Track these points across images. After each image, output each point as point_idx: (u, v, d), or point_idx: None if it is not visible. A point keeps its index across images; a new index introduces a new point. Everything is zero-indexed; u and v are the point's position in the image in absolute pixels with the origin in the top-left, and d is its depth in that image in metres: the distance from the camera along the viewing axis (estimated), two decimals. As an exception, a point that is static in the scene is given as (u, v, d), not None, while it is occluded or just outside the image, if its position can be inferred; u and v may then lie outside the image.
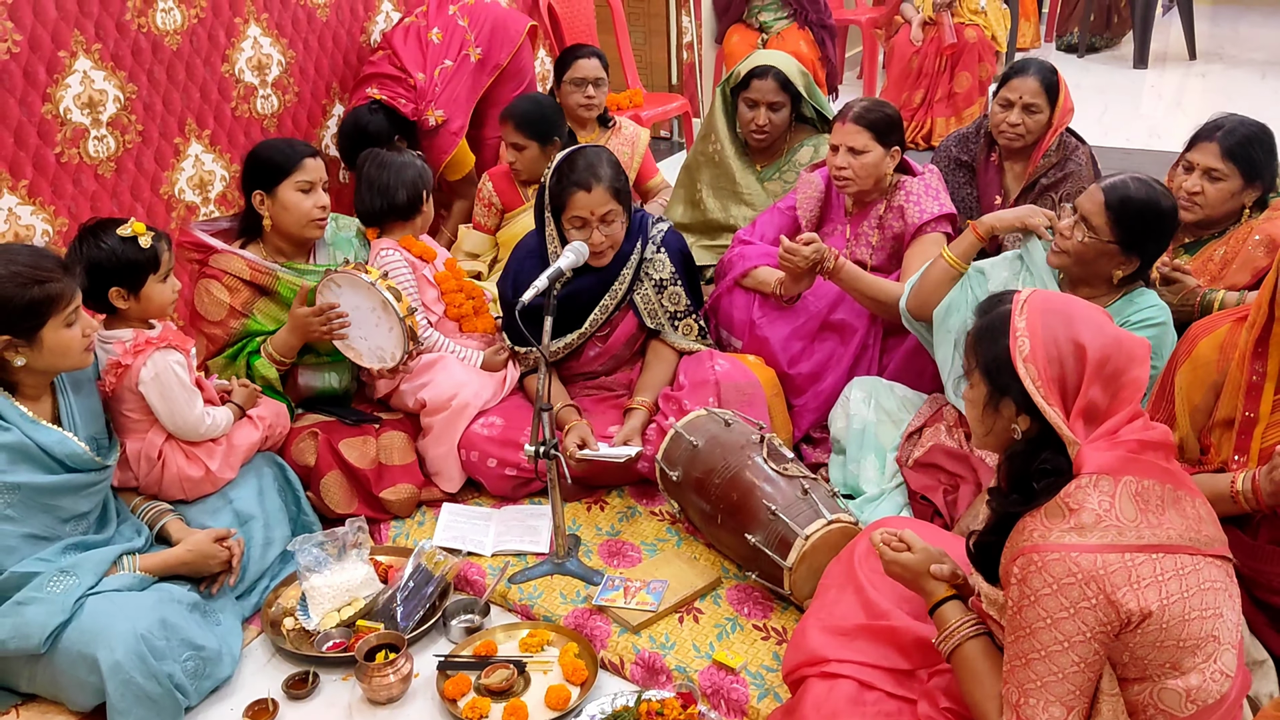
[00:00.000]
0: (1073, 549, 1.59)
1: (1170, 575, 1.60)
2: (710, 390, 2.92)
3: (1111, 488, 1.62)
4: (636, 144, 4.16)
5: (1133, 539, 1.60)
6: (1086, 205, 2.48)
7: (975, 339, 1.79)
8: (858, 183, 3.08)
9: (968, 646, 1.82)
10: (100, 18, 3.23)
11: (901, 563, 1.94)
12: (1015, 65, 3.44)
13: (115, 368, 2.49)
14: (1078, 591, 1.58)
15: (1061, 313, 1.70)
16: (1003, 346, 1.70)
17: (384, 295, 2.77)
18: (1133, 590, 1.58)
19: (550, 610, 2.55)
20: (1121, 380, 1.67)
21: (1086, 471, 1.63)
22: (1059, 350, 1.66)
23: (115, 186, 3.35)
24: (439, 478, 2.97)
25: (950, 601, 1.89)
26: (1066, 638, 1.60)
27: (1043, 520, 1.64)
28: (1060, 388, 1.66)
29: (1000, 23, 6.34)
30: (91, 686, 2.19)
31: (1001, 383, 1.72)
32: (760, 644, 2.41)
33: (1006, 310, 1.74)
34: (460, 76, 3.86)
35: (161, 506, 2.55)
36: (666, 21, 6.44)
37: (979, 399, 1.77)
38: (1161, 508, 1.64)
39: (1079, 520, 1.60)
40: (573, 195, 2.82)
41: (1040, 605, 1.60)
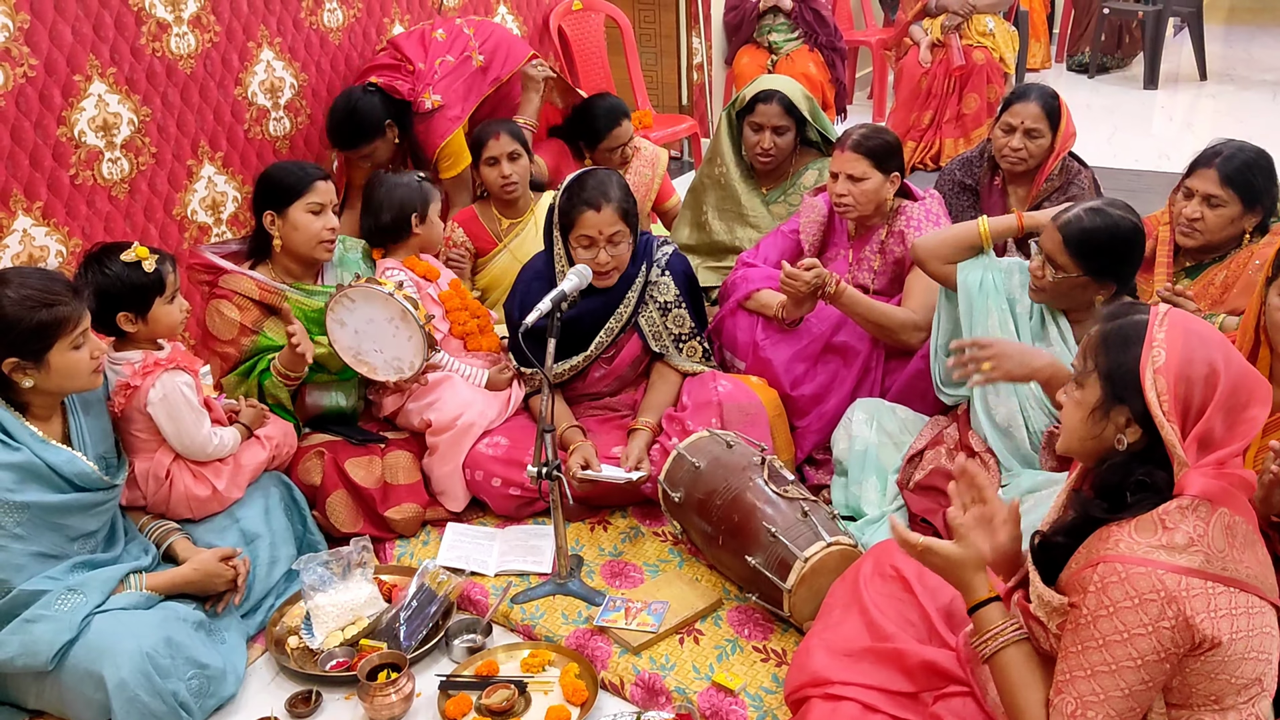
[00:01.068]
0: (1161, 565, 1.57)
1: (1241, 611, 1.60)
2: (713, 411, 2.94)
3: (1208, 515, 1.61)
4: (657, 165, 4.21)
5: (1218, 569, 1.59)
6: (1048, 246, 2.50)
7: (1101, 341, 1.74)
8: (858, 209, 3.11)
9: (1011, 651, 1.76)
10: (115, 42, 3.29)
11: (941, 552, 1.83)
12: (1017, 90, 3.46)
13: (124, 389, 2.53)
14: (1158, 609, 1.56)
15: (1201, 335, 1.68)
16: (1134, 355, 1.67)
17: (402, 304, 2.81)
18: (1210, 617, 1.57)
19: (552, 630, 2.57)
20: (1243, 415, 1.65)
21: (1190, 493, 1.62)
22: (1193, 371, 1.63)
23: (129, 208, 3.41)
24: (444, 497, 3.00)
25: (993, 602, 1.81)
26: (1140, 655, 1.58)
27: (1132, 532, 1.62)
28: (1184, 408, 1.64)
29: (1008, 44, 6.36)
30: (97, 703, 2.21)
31: (1121, 391, 1.68)
32: (760, 666, 2.42)
33: (1143, 320, 1.71)
34: (461, 73, 3.87)
35: (169, 525, 2.59)
36: (677, 42, 6.48)
37: (1089, 403, 1.73)
38: (1244, 546, 1.64)
39: (1171, 539, 1.59)
40: (582, 214, 2.86)
41: (1118, 617, 1.58)
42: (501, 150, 3.55)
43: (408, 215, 3.22)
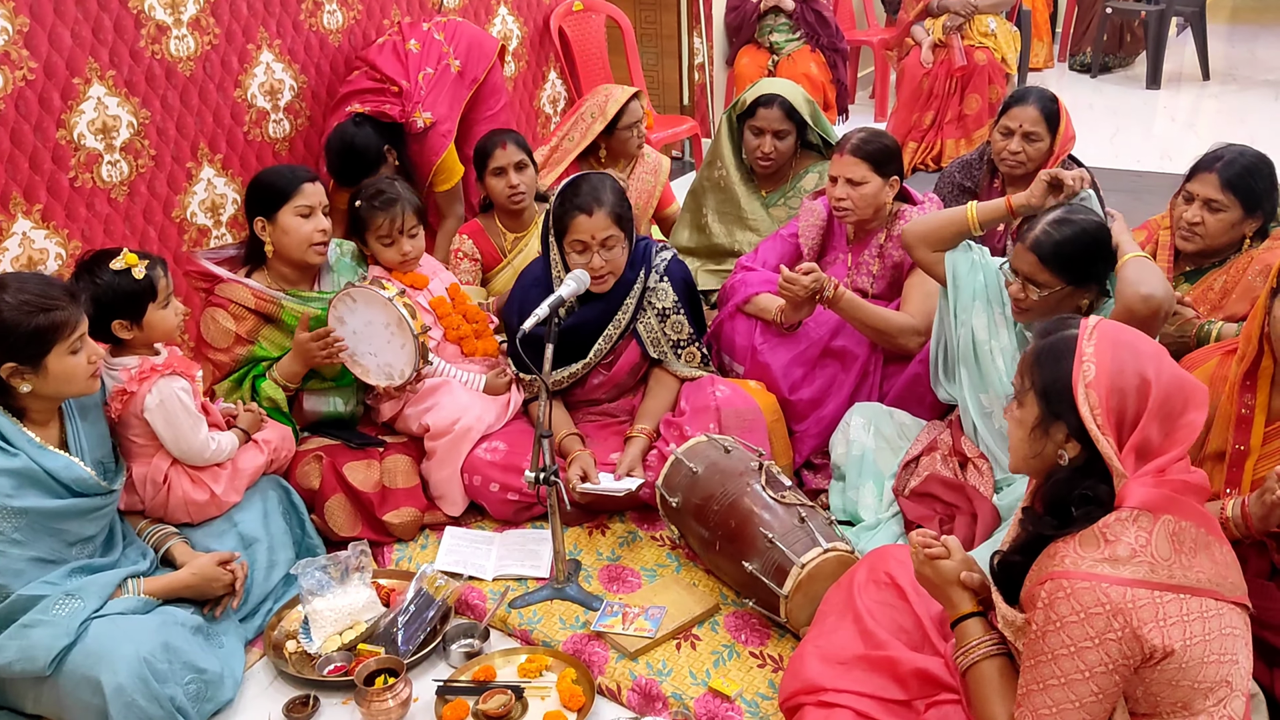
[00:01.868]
0: (1104, 579, 1.59)
1: (1195, 617, 1.61)
2: (711, 416, 2.94)
3: (1150, 525, 1.62)
4: (659, 172, 4.20)
5: (1164, 577, 1.60)
6: (1025, 268, 2.51)
7: (1035, 359, 1.77)
8: (857, 213, 3.11)
9: (986, 665, 1.81)
10: (115, 45, 3.29)
11: (936, 568, 1.91)
12: (1015, 94, 3.46)
13: (120, 395, 2.53)
14: (1104, 622, 1.58)
15: (1131, 346, 1.70)
16: (1065, 370, 1.69)
17: (400, 311, 2.82)
18: (1158, 627, 1.58)
19: (549, 635, 2.57)
20: (1179, 422, 1.67)
21: (1129, 505, 1.63)
22: (1124, 382, 1.66)
23: (128, 210, 3.41)
24: (442, 501, 3.00)
25: (975, 617, 1.87)
26: (1088, 667, 1.60)
27: (1076, 547, 1.64)
28: (1118, 420, 1.66)
29: (1010, 45, 6.36)
30: (95, 708, 2.21)
31: (1056, 407, 1.71)
32: (756, 671, 2.42)
33: (1073, 334, 1.73)
34: (443, 84, 3.84)
35: (167, 530, 2.59)
36: (678, 42, 6.48)
37: (1029, 420, 1.76)
38: (1195, 550, 1.65)
39: (1114, 552, 1.61)
40: (574, 219, 2.86)
41: (1065, 632, 1.61)
42: (508, 160, 3.49)
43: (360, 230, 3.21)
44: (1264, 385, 2.16)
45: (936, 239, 2.80)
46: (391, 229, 3.13)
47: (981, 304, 2.73)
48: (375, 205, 3.13)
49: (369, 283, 2.88)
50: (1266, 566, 2.15)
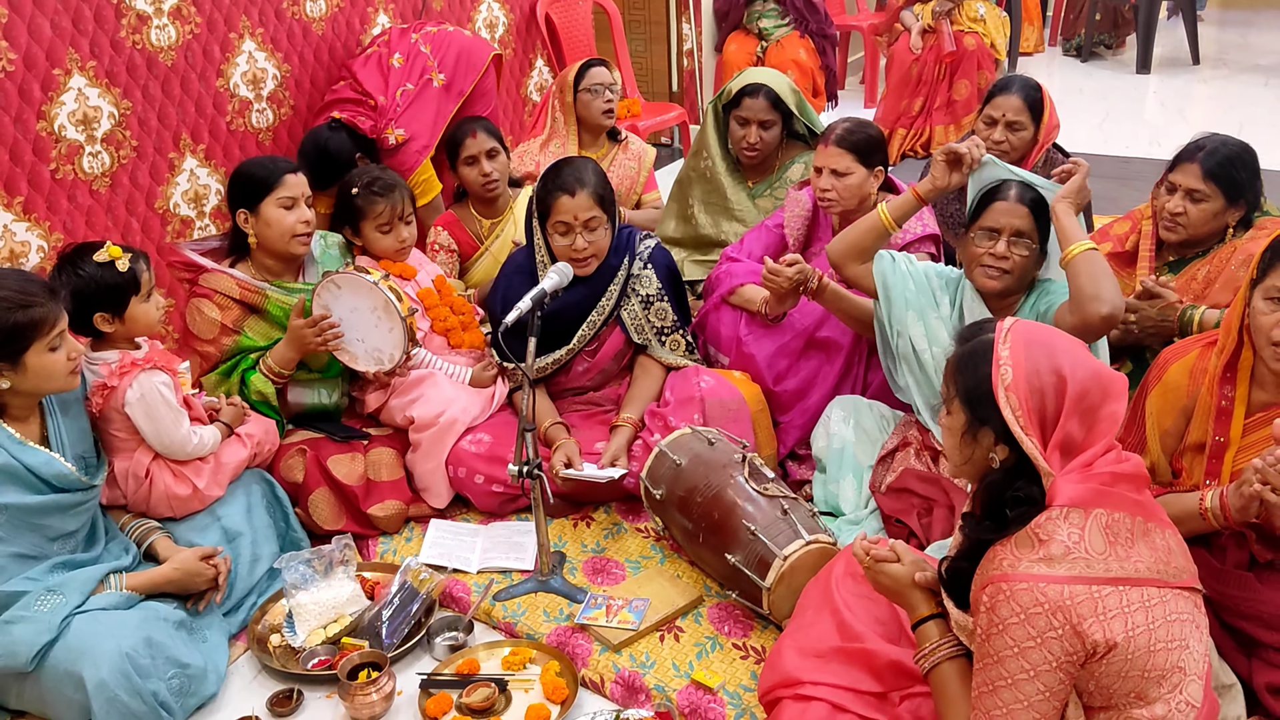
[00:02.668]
0: (1040, 579, 1.61)
1: (1136, 607, 1.63)
2: (695, 407, 2.94)
3: (1082, 520, 1.64)
4: (643, 160, 4.19)
5: (1100, 571, 1.62)
6: (1015, 221, 2.56)
7: (956, 366, 1.79)
8: (842, 203, 3.10)
9: (945, 667, 1.84)
10: (95, 35, 3.27)
11: (889, 573, 1.94)
12: (999, 83, 3.46)
13: (101, 389, 2.52)
14: (1044, 621, 1.60)
15: (1044, 344, 1.72)
16: (984, 375, 1.71)
17: (386, 295, 2.81)
18: (1099, 621, 1.60)
19: (534, 628, 2.57)
20: (1099, 414, 1.69)
21: (1058, 504, 1.65)
22: (1041, 381, 1.67)
23: (110, 202, 3.39)
24: (427, 493, 3.00)
25: (934, 619, 1.90)
26: (1033, 666, 1.62)
27: (1013, 550, 1.66)
28: (1040, 419, 1.67)
29: (999, 30, 6.34)
30: (78, 704, 2.22)
31: (981, 412, 1.73)
32: (739, 663, 2.43)
33: (989, 339, 1.74)
34: (423, 100, 3.84)
35: (149, 524, 2.58)
36: (667, 28, 6.45)
37: (957, 427, 1.78)
38: (1131, 540, 1.66)
39: (1048, 551, 1.62)
40: (557, 199, 2.87)
41: (1008, 634, 1.63)
42: (480, 148, 3.49)
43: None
44: (1244, 377, 2.16)
45: (859, 250, 2.80)
46: (392, 215, 3.13)
47: (915, 312, 2.75)
48: (374, 191, 3.13)
49: (352, 268, 2.87)
50: (1245, 557, 2.15)
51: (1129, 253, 3.00)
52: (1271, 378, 2.13)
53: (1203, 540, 2.17)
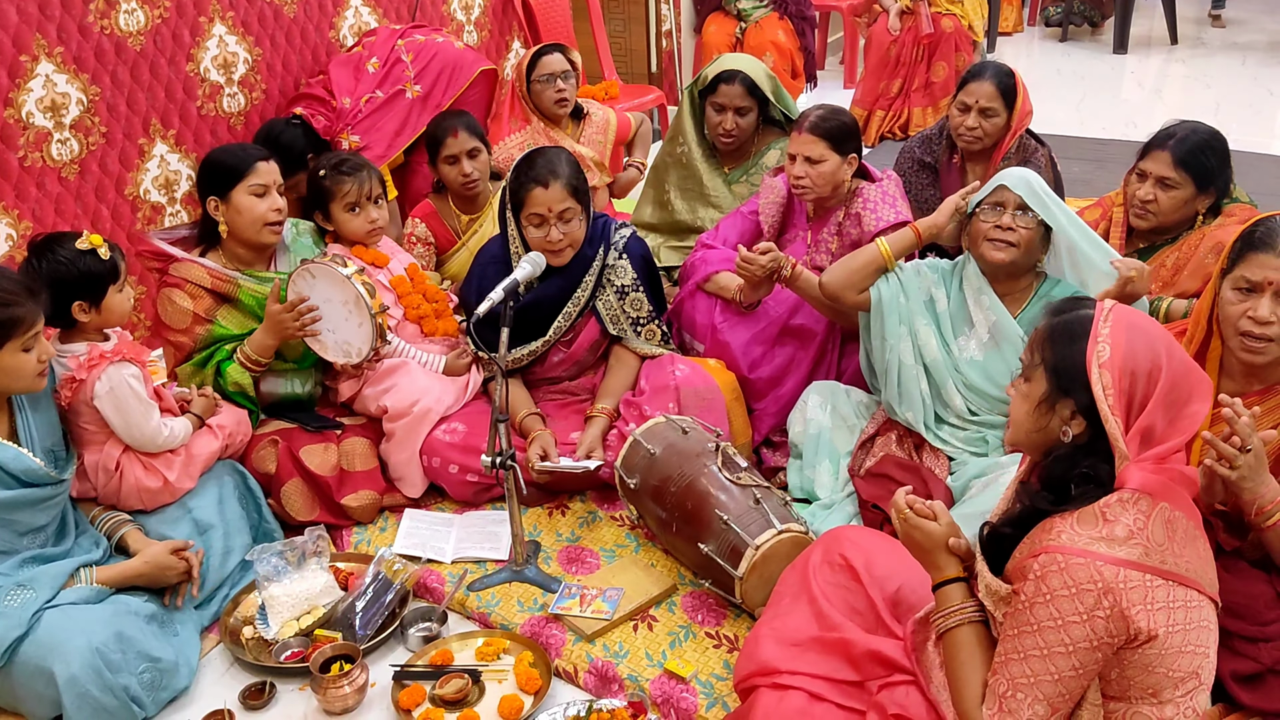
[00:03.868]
0: (1099, 557, 1.60)
1: (1179, 605, 1.63)
2: (670, 395, 2.94)
3: (1149, 509, 1.64)
4: (608, 127, 4.18)
5: (1156, 562, 1.62)
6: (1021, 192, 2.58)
7: (1048, 336, 1.77)
8: (816, 191, 3.10)
9: (966, 630, 1.82)
10: (62, 20, 3.22)
11: (925, 530, 1.90)
12: (972, 69, 3.45)
13: (70, 383, 2.50)
14: (1094, 599, 1.60)
15: (1145, 330, 1.71)
16: (1079, 349, 1.70)
17: (358, 289, 2.79)
18: (1145, 610, 1.60)
19: (508, 618, 2.58)
20: (1184, 410, 1.68)
21: (1130, 487, 1.64)
22: (1136, 365, 1.66)
23: (79, 189, 3.36)
24: (401, 483, 3.00)
25: (958, 582, 1.87)
26: (1073, 641, 1.62)
27: (1074, 524, 1.65)
28: (1127, 402, 1.66)
29: (977, 12, 6.33)
30: (48, 699, 2.21)
31: (1067, 384, 1.71)
32: (712, 652, 2.44)
33: (1089, 315, 1.73)
34: (390, 110, 3.80)
35: (120, 517, 2.57)
36: (645, 9, 6.41)
37: (1036, 395, 1.76)
38: (1185, 541, 1.67)
39: (1111, 531, 1.62)
40: (530, 191, 2.85)
41: (1054, 605, 1.62)
42: (461, 148, 3.43)
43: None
44: (1212, 368, 2.18)
45: (859, 281, 2.81)
46: (360, 194, 3.11)
47: (906, 326, 2.78)
48: (342, 171, 3.11)
49: (329, 259, 2.85)
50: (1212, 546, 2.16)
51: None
52: (1240, 367, 2.14)
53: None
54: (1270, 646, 2.01)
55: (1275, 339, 2.04)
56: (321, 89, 3.80)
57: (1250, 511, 1.98)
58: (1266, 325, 2.03)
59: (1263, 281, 2.04)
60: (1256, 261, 2.06)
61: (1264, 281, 2.03)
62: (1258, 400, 2.11)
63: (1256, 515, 1.97)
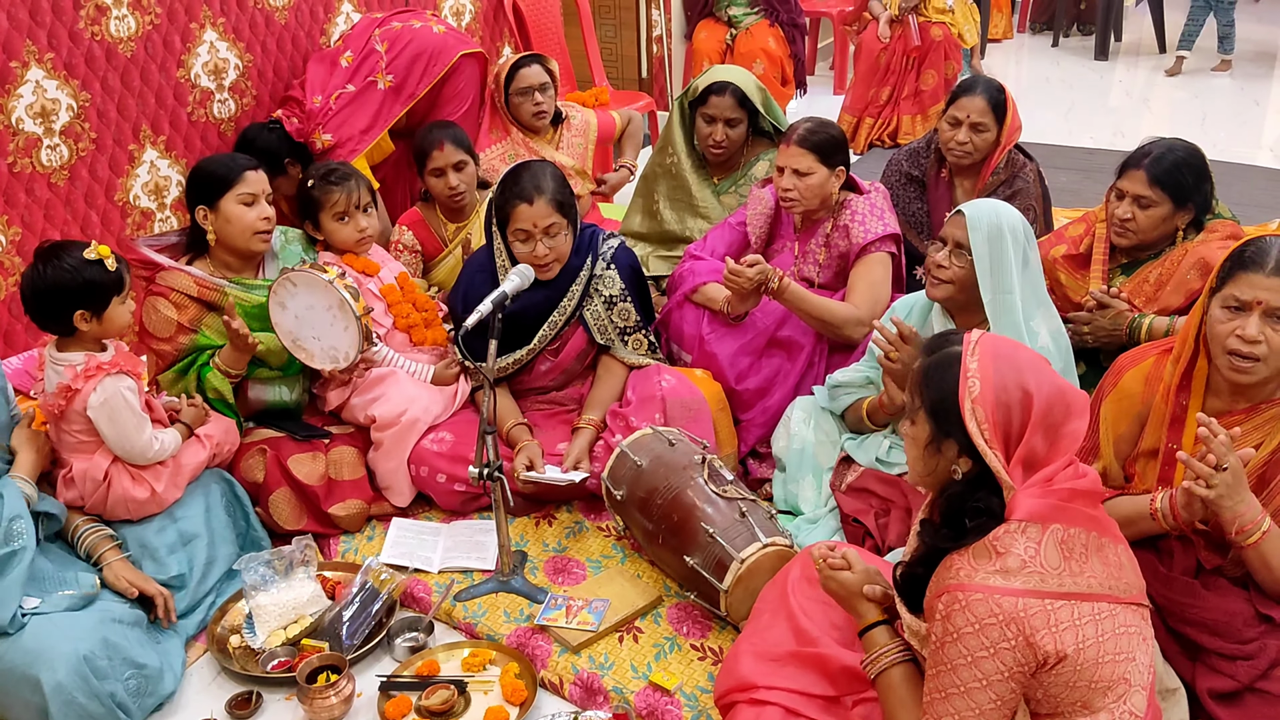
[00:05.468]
0: (996, 591, 1.64)
1: (1087, 620, 1.66)
2: (657, 406, 2.96)
3: (1039, 535, 1.67)
4: (588, 129, 4.19)
5: (1054, 586, 1.65)
6: (958, 233, 2.57)
7: (922, 378, 1.80)
8: (803, 203, 3.12)
9: (893, 672, 1.87)
10: (53, 27, 3.22)
11: (839, 580, 1.98)
12: (963, 84, 3.47)
13: (65, 391, 2.50)
14: (998, 632, 1.63)
15: (1011, 358, 1.73)
16: (951, 388, 1.72)
17: (341, 293, 2.80)
18: (1050, 633, 1.63)
19: (494, 629, 2.59)
20: (1061, 431, 1.71)
21: (1017, 518, 1.67)
22: (1008, 397, 1.69)
23: (69, 195, 3.35)
24: (389, 492, 3.00)
25: (880, 626, 1.93)
26: (985, 676, 1.65)
27: (970, 560, 1.68)
28: (1004, 434, 1.69)
29: (967, 20, 6.36)
30: (35, 706, 2.22)
31: (945, 425, 1.74)
32: (697, 664, 2.46)
33: (956, 351, 1.75)
34: (361, 102, 3.77)
35: (102, 533, 2.55)
36: (636, 15, 6.42)
37: (921, 438, 1.79)
38: (1085, 556, 1.69)
39: (1004, 564, 1.65)
40: (515, 208, 2.86)
41: (962, 643, 1.66)
42: (447, 161, 3.41)
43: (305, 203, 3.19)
44: (1198, 386, 2.19)
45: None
46: (348, 204, 3.12)
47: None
48: (330, 181, 3.12)
49: (308, 266, 2.86)
50: (1192, 564, 2.20)
51: (1083, 255, 3.03)
52: (1226, 386, 2.16)
53: (1150, 546, 2.21)
54: (1248, 665, 2.03)
55: (1263, 358, 2.06)
56: (300, 90, 3.79)
57: (1230, 530, 2.00)
58: (1254, 344, 2.05)
59: (1252, 301, 2.06)
60: (1246, 281, 2.07)
61: (1253, 301, 2.05)
62: (1243, 418, 2.12)
63: (1237, 534, 1.99)
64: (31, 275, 2.49)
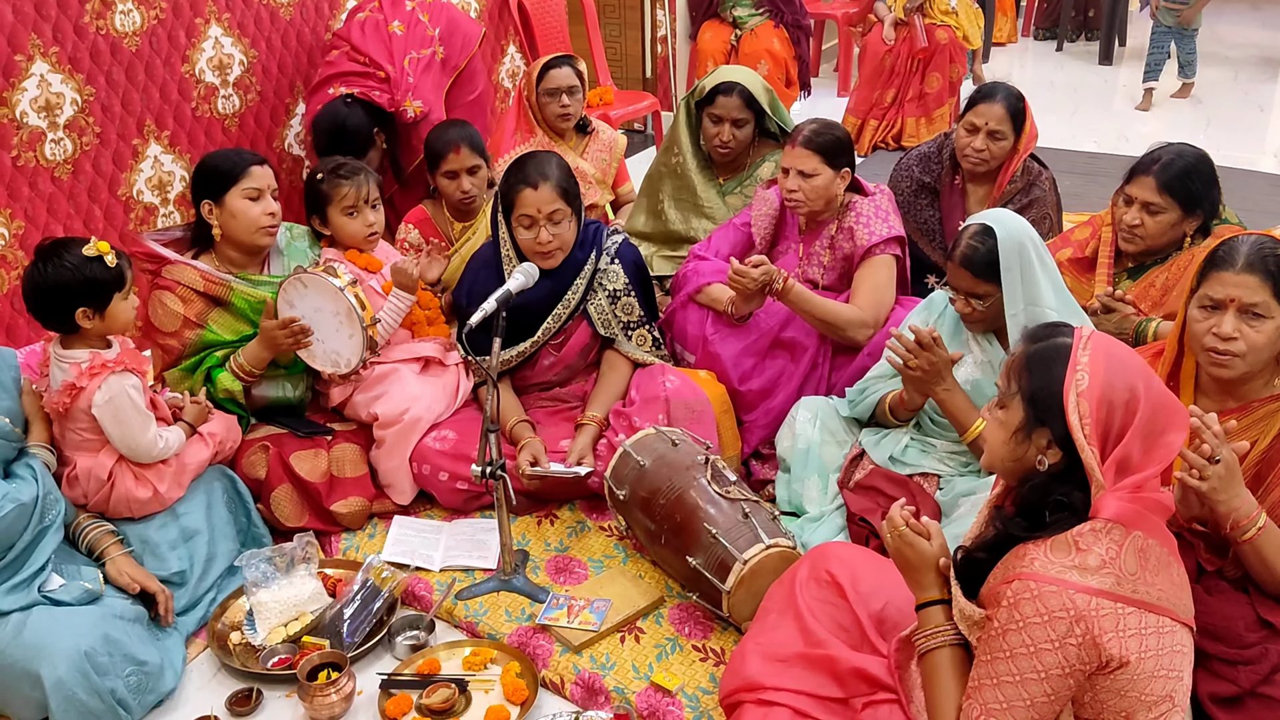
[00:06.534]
0: (1071, 586, 1.62)
1: (1151, 631, 1.65)
2: (660, 407, 2.95)
3: (1122, 538, 1.66)
4: (614, 149, 4.17)
5: (1129, 591, 1.64)
6: (964, 284, 2.61)
7: (1025, 363, 1.77)
8: (808, 204, 3.11)
9: (945, 652, 1.83)
10: (58, 20, 3.23)
11: (919, 548, 1.89)
12: (983, 89, 3.44)
13: (69, 389, 2.49)
14: (1066, 627, 1.62)
15: (1123, 360, 1.71)
16: (1057, 377, 1.70)
17: (350, 301, 2.80)
18: (1117, 637, 1.62)
19: (495, 628, 2.58)
20: (1160, 440, 1.69)
21: (1103, 517, 1.66)
22: (1115, 395, 1.67)
23: (72, 189, 3.36)
24: (391, 490, 3.00)
25: (941, 604, 1.87)
26: (1045, 668, 1.64)
27: (1047, 551, 1.67)
28: (1104, 431, 1.67)
29: (972, 22, 6.36)
30: (35, 701, 2.22)
31: (1044, 413, 1.71)
32: (699, 665, 2.45)
33: (1067, 343, 1.73)
34: (430, 69, 3.75)
35: (104, 528, 2.55)
36: (641, 15, 6.42)
37: (1012, 424, 1.76)
38: (1158, 569, 1.69)
39: (1084, 560, 1.64)
40: (520, 193, 2.87)
41: (1027, 632, 1.64)
42: (461, 165, 3.40)
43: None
44: (1187, 386, 2.21)
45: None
46: (357, 198, 3.12)
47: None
48: (340, 175, 3.12)
49: (321, 268, 2.85)
50: (1193, 567, 2.19)
51: (1088, 259, 3.03)
52: (1214, 385, 2.17)
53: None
54: (1249, 669, 2.02)
55: (1240, 354, 2.07)
56: (349, 61, 3.71)
57: (1226, 526, 2.00)
58: (1230, 341, 2.07)
59: (1225, 299, 2.07)
60: (1219, 280, 2.09)
61: (1226, 299, 2.07)
62: (1237, 416, 2.13)
63: (1232, 529, 2.00)
64: (32, 274, 2.48)
